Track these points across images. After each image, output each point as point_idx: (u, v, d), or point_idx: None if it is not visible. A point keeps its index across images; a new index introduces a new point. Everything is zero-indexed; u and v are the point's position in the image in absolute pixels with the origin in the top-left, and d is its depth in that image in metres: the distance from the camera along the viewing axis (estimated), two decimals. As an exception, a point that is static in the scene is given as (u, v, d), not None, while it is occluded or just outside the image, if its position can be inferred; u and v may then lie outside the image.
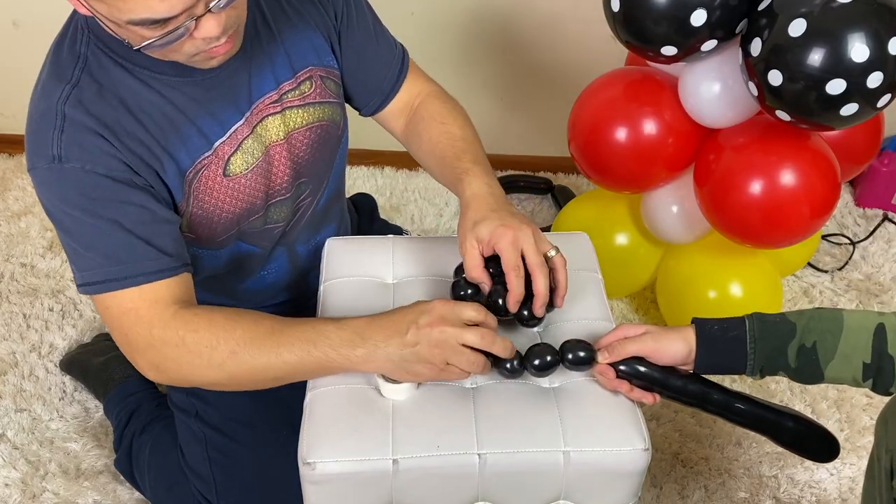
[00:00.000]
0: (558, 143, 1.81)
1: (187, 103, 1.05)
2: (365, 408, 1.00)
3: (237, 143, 1.10)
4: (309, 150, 1.19)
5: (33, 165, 1.01)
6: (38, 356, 1.72)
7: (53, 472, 1.52)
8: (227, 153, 1.09)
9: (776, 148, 1.38)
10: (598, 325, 1.11)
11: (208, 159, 1.08)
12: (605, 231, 1.71)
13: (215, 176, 1.09)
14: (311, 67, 1.16)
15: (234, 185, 1.11)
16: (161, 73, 1.03)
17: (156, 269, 1.01)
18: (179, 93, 1.04)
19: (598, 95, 1.54)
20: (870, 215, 2.10)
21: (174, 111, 1.04)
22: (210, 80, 1.06)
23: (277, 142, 1.14)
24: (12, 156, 2.23)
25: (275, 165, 1.15)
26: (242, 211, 1.14)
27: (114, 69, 1.01)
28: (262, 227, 1.19)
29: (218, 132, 1.08)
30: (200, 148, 1.07)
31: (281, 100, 1.13)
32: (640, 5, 1.29)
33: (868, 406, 1.65)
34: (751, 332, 0.99)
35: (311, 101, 1.17)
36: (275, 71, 1.12)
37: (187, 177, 1.07)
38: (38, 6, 1.99)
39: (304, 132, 1.17)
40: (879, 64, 1.15)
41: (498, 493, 0.98)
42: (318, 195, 1.27)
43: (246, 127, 1.10)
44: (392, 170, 2.24)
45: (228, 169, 1.10)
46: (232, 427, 1.27)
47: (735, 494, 1.50)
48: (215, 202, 1.11)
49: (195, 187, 1.08)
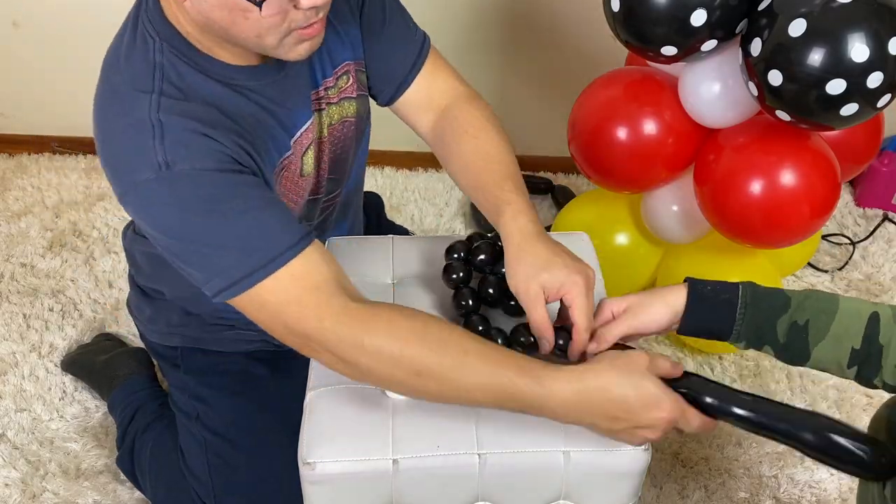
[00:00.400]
0: (558, 143, 1.81)
1: (267, 104, 1.03)
2: (365, 408, 1.00)
3: (308, 142, 1.10)
4: (343, 145, 1.19)
5: (135, 183, 0.92)
6: (38, 356, 1.72)
7: (53, 472, 1.52)
8: (301, 150, 1.09)
9: (776, 148, 1.38)
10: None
11: (288, 159, 1.08)
12: (605, 231, 1.71)
13: (293, 176, 1.09)
14: (347, 62, 1.15)
15: (304, 185, 1.12)
16: (231, 78, 1.00)
17: (295, 239, 0.93)
18: (257, 95, 1.03)
19: (598, 95, 1.54)
20: (870, 215, 2.10)
21: (258, 110, 1.02)
22: (280, 81, 1.05)
23: (322, 138, 1.14)
24: (12, 156, 2.23)
25: (322, 162, 1.16)
26: (298, 206, 1.14)
27: (191, 75, 0.97)
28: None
29: (292, 130, 1.08)
30: (282, 148, 1.06)
31: (320, 98, 1.12)
32: (640, 5, 1.29)
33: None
34: (743, 298, 0.97)
35: (346, 97, 1.16)
36: (322, 68, 1.12)
37: (275, 175, 1.06)
38: (38, 6, 1.99)
39: (338, 128, 1.17)
40: (879, 64, 1.15)
41: (498, 493, 0.98)
42: (339, 191, 1.26)
43: (315, 125, 1.10)
44: (392, 170, 2.24)
45: (303, 169, 1.10)
46: (233, 433, 1.26)
47: (735, 494, 1.50)
48: (287, 201, 1.10)
49: (277, 188, 1.07)
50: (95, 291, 1.87)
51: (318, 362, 0.98)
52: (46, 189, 2.13)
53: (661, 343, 1.78)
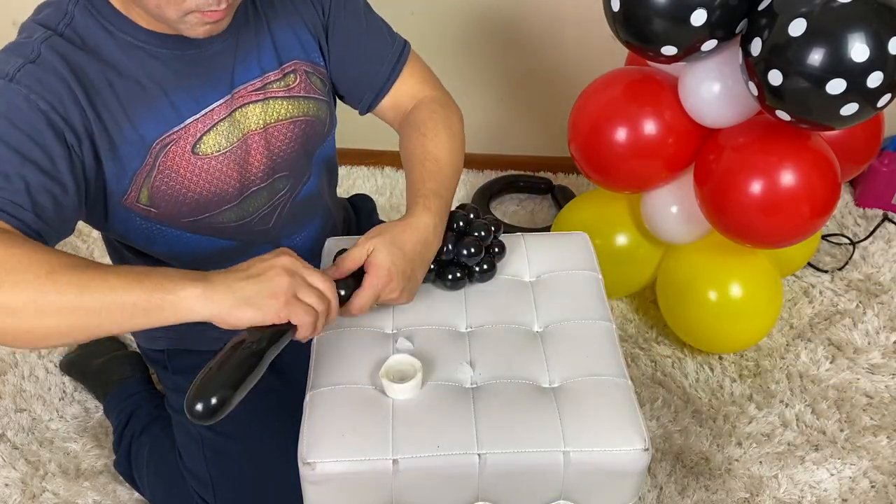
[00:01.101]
0: (558, 143, 1.81)
1: (165, 75, 1.06)
2: (365, 408, 1.00)
3: (211, 124, 1.10)
4: (289, 144, 1.19)
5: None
6: (38, 356, 1.72)
7: (53, 472, 1.52)
8: (200, 131, 1.09)
9: (776, 148, 1.38)
10: (598, 325, 1.11)
11: (177, 134, 1.08)
12: (605, 231, 1.71)
13: (183, 152, 1.09)
14: (296, 61, 1.17)
15: (203, 166, 1.11)
16: (144, 41, 1.04)
17: (12, 210, 0.90)
18: (160, 64, 1.05)
19: (598, 95, 1.54)
20: (870, 215, 2.10)
21: (149, 81, 1.05)
22: (193, 56, 1.07)
23: (256, 130, 1.15)
24: (12, 156, 2.23)
25: (251, 154, 1.15)
26: (211, 195, 1.13)
27: (97, 30, 1.02)
28: (238, 219, 1.19)
29: (192, 108, 1.09)
30: (170, 121, 1.07)
31: (264, 88, 1.14)
32: (640, 5, 1.29)
33: (868, 406, 1.65)
34: None
35: (297, 95, 1.17)
36: (260, 60, 1.13)
37: (153, 148, 1.06)
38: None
39: (287, 125, 1.18)
40: (879, 64, 1.15)
41: (498, 493, 0.98)
42: (295, 191, 1.26)
43: (223, 109, 1.11)
44: (392, 170, 2.24)
45: (199, 147, 1.10)
46: (228, 426, 1.26)
47: (735, 494, 1.50)
48: (182, 179, 1.10)
49: (161, 161, 1.08)
50: (95, 291, 1.87)
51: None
52: (46, 189, 2.13)
53: (661, 343, 1.78)
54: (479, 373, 1.05)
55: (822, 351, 1.75)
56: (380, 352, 1.07)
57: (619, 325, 1.82)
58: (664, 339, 1.79)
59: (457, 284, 1.15)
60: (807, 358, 1.74)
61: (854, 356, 1.74)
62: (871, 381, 1.69)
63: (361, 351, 1.08)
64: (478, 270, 1.15)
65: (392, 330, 1.12)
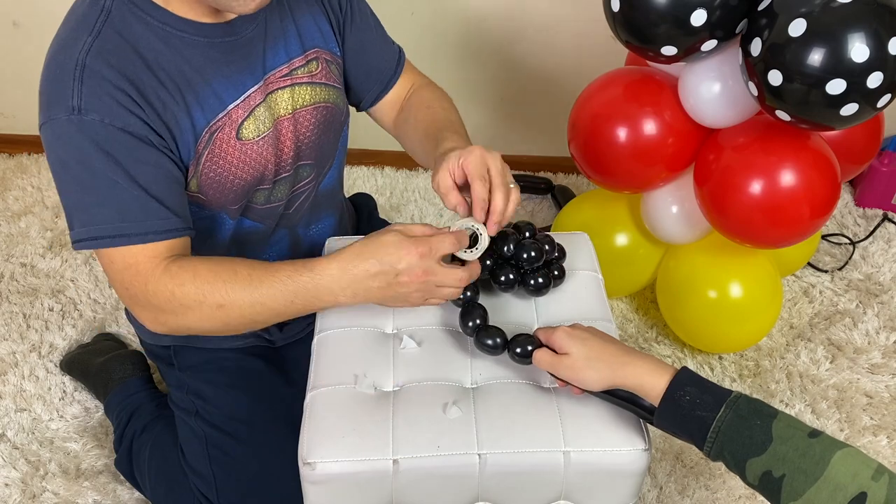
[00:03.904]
0: (558, 143, 1.81)
1: (204, 64, 1.07)
2: (365, 408, 1.00)
3: (250, 109, 1.12)
4: (313, 130, 1.21)
5: (49, 118, 1.00)
6: (38, 356, 1.72)
7: (53, 472, 1.52)
8: (241, 117, 1.11)
9: (776, 148, 1.38)
10: (598, 325, 1.11)
11: (222, 121, 1.10)
12: (605, 231, 1.71)
13: (229, 138, 1.11)
14: (317, 49, 1.20)
15: (247, 150, 1.13)
16: (182, 30, 1.05)
17: (165, 228, 1.04)
18: (198, 52, 1.06)
19: (598, 95, 1.54)
20: (870, 215, 2.10)
21: (191, 70, 1.06)
22: (230, 43, 1.09)
23: (286, 116, 1.17)
24: (12, 156, 2.23)
25: (281, 140, 1.18)
26: (254, 178, 1.16)
27: (135, 24, 1.03)
28: (265, 202, 1.21)
29: (233, 94, 1.10)
30: (215, 108, 1.09)
31: (291, 74, 1.16)
32: (640, 5, 1.29)
33: (868, 406, 1.65)
34: (718, 422, 0.89)
35: (319, 81, 1.20)
36: (287, 46, 1.16)
37: (202, 137, 1.09)
38: (38, 6, 1.99)
39: (311, 111, 1.20)
40: (879, 64, 1.15)
41: (498, 493, 0.98)
42: (319, 179, 1.29)
43: (259, 94, 1.13)
44: (392, 170, 2.24)
45: (241, 133, 1.12)
46: (232, 425, 1.28)
47: (735, 493, 1.51)
48: (228, 165, 1.12)
49: (210, 149, 1.10)
50: (95, 291, 1.87)
51: (141, 321, 1.08)
52: (46, 189, 2.13)
53: (661, 343, 1.78)
54: (479, 373, 1.05)
55: (822, 351, 1.75)
56: (380, 352, 1.07)
57: (620, 325, 1.82)
58: (664, 339, 1.79)
59: (507, 285, 1.13)
60: (807, 358, 1.74)
61: (854, 356, 1.74)
62: (871, 380, 1.69)
63: (361, 351, 1.08)
64: (532, 282, 1.14)
65: (392, 330, 1.12)
